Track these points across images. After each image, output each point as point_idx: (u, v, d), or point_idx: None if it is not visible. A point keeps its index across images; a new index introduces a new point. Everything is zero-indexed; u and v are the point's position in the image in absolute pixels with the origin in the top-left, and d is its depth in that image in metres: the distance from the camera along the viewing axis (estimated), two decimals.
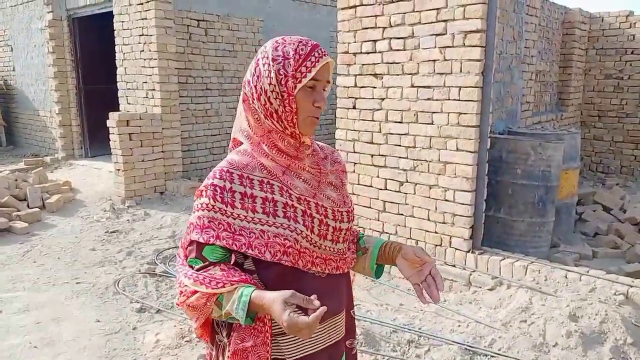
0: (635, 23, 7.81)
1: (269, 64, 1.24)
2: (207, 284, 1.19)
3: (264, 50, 1.27)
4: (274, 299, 1.13)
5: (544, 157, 4.20)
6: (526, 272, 3.59)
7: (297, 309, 1.11)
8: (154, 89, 6.61)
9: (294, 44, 1.24)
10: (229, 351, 1.26)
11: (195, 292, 1.21)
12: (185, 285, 1.23)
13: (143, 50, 6.66)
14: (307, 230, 1.26)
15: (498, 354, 2.82)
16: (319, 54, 1.23)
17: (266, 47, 1.27)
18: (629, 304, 3.14)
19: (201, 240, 1.22)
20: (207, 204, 1.24)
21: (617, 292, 3.18)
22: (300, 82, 1.22)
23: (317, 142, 1.43)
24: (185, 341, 3.25)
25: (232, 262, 1.26)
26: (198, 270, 1.22)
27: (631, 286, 3.22)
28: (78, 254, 4.80)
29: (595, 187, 6.97)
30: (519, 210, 4.27)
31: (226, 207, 1.23)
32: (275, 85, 1.22)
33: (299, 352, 1.29)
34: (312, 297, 1.12)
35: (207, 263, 1.23)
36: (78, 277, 4.29)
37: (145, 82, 6.72)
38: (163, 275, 4.24)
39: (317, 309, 1.08)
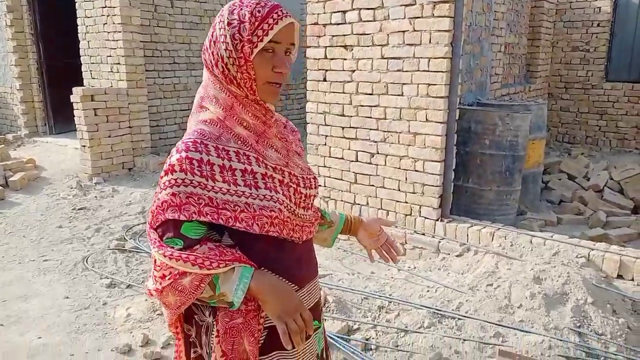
0: None
1: (225, 28, 1.17)
2: (201, 264, 1.13)
3: (221, 14, 1.20)
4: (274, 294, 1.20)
5: (512, 128, 4.26)
6: (493, 238, 3.68)
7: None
8: (118, 63, 6.42)
9: (250, 6, 1.17)
10: (214, 330, 1.23)
11: (184, 273, 1.14)
12: (170, 267, 1.15)
13: (106, 23, 6.44)
14: (287, 200, 1.25)
15: (465, 316, 2.90)
16: (278, 15, 1.17)
17: (223, 10, 1.20)
18: (590, 265, 3.26)
19: (182, 218, 1.14)
20: (182, 179, 1.14)
21: (579, 255, 3.30)
22: (256, 46, 1.16)
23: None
24: (157, 314, 3.23)
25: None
26: (182, 250, 1.15)
27: (592, 249, 3.34)
28: (44, 232, 4.69)
29: (561, 157, 7.15)
30: (487, 179, 4.35)
31: (207, 180, 1.15)
32: (231, 51, 1.16)
33: None
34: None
35: (191, 242, 1.16)
36: (45, 254, 4.20)
37: (110, 56, 6.51)
38: (133, 250, 4.19)
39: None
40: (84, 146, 6.13)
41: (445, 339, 2.73)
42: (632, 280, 3.14)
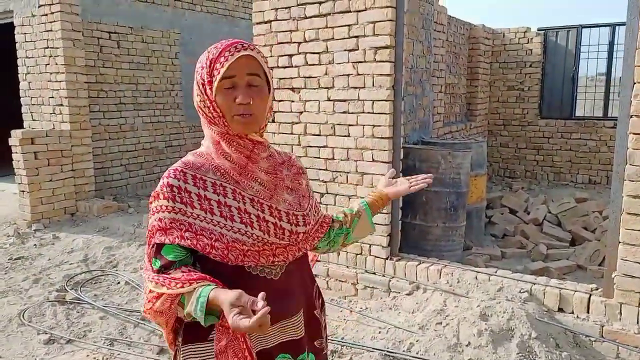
0: (531, 38, 8.49)
1: (195, 76, 1.28)
2: (168, 285, 1.18)
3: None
4: (223, 301, 1.10)
5: (454, 165, 4.43)
6: (440, 275, 3.75)
7: (243, 311, 1.06)
8: (61, 104, 6.25)
9: (209, 50, 1.26)
10: (181, 354, 1.29)
11: (160, 296, 1.20)
12: (150, 291, 1.22)
13: (49, 64, 6.29)
14: (265, 234, 1.29)
15: (416, 357, 2.92)
16: (230, 52, 1.22)
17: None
18: (533, 300, 3.37)
19: (167, 242, 1.22)
20: (166, 206, 1.23)
21: (522, 290, 3.41)
22: (211, 84, 1.23)
23: (275, 148, 1.47)
24: None
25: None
26: (158, 271, 1.22)
27: (534, 283, 3.46)
28: None
29: (503, 191, 7.46)
30: (433, 216, 4.47)
31: (186, 207, 1.23)
32: (200, 95, 1.26)
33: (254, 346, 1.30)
34: (260, 296, 1.06)
35: (167, 263, 1.22)
36: None
37: (52, 97, 6.34)
38: (74, 302, 3.99)
39: (261, 309, 1.04)
40: (23, 191, 5.86)
41: None
42: (572, 313, 3.27)
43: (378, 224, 4.05)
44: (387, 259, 4.04)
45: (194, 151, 1.33)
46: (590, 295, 3.23)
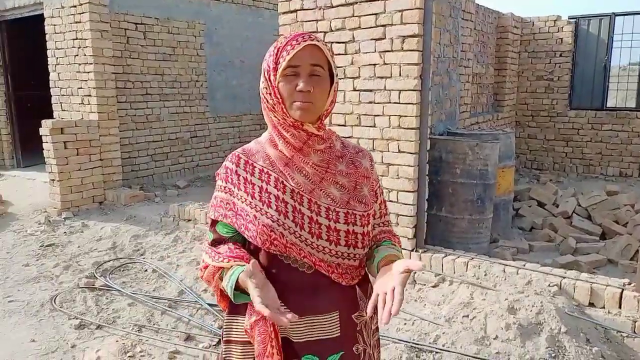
0: (562, 27, 8.26)
1: (262, 65, 1.34)
2: (213, 258, 1.34)
3: None
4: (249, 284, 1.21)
5: (481, 157, 4.35)
6: (467, 267, 3.71)
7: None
8: (89, 95, 6.35)
9: (278, 39, 1.32)
10: (225, 323, 1.42)
11: (207, 266, 1.35)
12: (203, 260, 1.38)
13: (77, 55, 6.39)
14: (297, 227, 1.30)
15: (442, 349, 2.89)
16: (296, 41, 1.27)
17: None
18: (562, 294, 3.31)
19: (212, 217, 1.38)
20: (220, 186, 1.38)
21: (551, 284, 3.34)
22: (277, 70, 1.28)
23: (346, 140, 1.49)
24: (129, 357, 3.13)
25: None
26: (211, 243, 1.39)
27: (563, 277, 3.39)
28: (10, 271, 4.52)
29: (530, 184, 7.31)
30: (459, 208, 4.40)
31: (233, 188, 1.34)
32: (264, 82, 1.32)
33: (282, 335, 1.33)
34: (290, 316, 1.16)
35: (219, 238, 1.38)
36: (10, 295, 4.04)
37: (81, 88, 6.44)
38: (103, 288, 4.07)
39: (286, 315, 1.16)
40: (53, 180, 5.99)
41: None
42: (603, 307, 3.19)
43: (404, 216, 4.02)
44: (412, 250, 4.00)
45: (258, 138, 1.43)
46: (623, 290, 3.15)
